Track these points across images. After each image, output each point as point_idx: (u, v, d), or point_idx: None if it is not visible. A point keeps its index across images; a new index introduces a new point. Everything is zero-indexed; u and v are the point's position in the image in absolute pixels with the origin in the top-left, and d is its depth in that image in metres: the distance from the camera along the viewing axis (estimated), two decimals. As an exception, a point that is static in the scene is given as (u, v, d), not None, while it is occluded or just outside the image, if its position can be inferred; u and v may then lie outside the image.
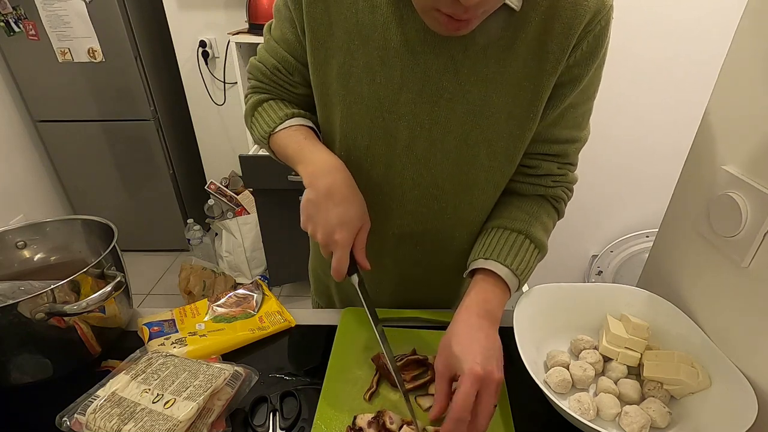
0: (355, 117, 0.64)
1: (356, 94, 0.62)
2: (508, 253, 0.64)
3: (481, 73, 0.58)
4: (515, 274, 0.63)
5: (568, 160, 0.68)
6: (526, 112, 0.60)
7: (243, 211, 2.33)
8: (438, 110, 0.61)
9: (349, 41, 0.60)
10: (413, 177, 0.66)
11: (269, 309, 0.78)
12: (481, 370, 0.51)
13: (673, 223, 0.75)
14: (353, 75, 0.61)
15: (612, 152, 1.71)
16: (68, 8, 2.00)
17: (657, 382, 0.62)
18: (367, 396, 0.61)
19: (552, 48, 0.56)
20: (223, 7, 2.14)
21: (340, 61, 0.61)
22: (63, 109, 2.27)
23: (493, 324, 0.59)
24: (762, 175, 0.57)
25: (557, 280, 0.72)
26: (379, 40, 0.58)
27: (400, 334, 0.72)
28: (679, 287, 0.72)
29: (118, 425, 0.52)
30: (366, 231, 0.61)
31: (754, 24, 0.59)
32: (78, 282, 0.62)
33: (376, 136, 0.64)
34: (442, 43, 0.57)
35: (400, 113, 0.61)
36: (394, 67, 0.59)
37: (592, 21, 0.55)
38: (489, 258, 0.64)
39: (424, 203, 0.69)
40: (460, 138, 0.62)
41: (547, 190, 0.69)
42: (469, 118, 0.61)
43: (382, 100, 0.61)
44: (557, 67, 0.57)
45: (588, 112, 0.66)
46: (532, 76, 0.58)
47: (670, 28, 1.51)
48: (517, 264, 0.63)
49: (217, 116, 2.40)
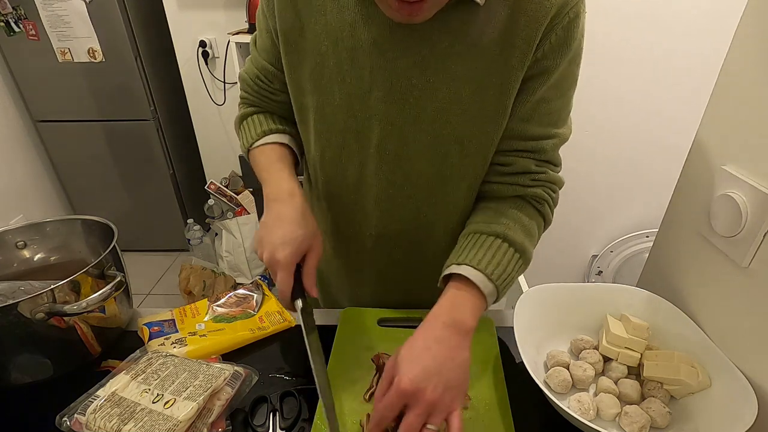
0: (328, 117, 0.65)
1: (328, 94, 0.63)
2: (482, 257, 0.59)
3: (449, 69, 0.58)
4: (490, 279, 0.58)
5: (546, 157, 0.65)
6: (495, 107, 0.60)
7: (243, 211, 2.33)
8: (408, 108, 0.61)
9: (319, 43, 0.60)
10: (387, 176, 0.66)
11: (269, 309, 0.78)
12: (409, 386, 0.48)
13: (673, 223, 0.75)
14: (324, 76, 0.62)
15: (612, 152, 1.71)
16: (68, 8, 2.00)
17: (657, 382, 0.62)
18: (367, 396, 0.61)
19: (518, 42, 0.56)
20: (223, 7, 2.14)
21: (311, 64, 0.62)
22: (63, 109, 2.27)
23: (461, 335, 0.54)
24: (762, 175, 0.57)
25: (557, 280, 0.72)
26: (348, 40, 0.58)
27: (400, 334, 0.72)
28: (679, 287, 0.72)
29: (118, 425, 0.52)
30: (316, 256, 0.60)
31: (754, 24, 0.59)
32: (78, 282, 0.62)
33: (349, 135, 0.65)
34: (410, 41, 0.57)
35: (371, 112, 0.62)
36: (363, 66, 0.59)
37: (559, 14, 0.54)
38: (461, 263, 0.59)
39: (399, 202, 0.69)
40: (431, 135, 0.62)
41: (525, 189, 0.65)
42: (439, 116, 0.61)
43: (352, 100, 0.62)
44: (524, 62, 0.57)
45: (564, 109, 0.64)
46: (499, 71, 0.57)
47: (671, 29, 1.51)
48: (492, 268, 0.58)
49: (217, 116, 2.40)
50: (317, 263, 0.61)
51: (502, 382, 0.63)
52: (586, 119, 1.50)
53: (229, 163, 2.50)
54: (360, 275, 0.79)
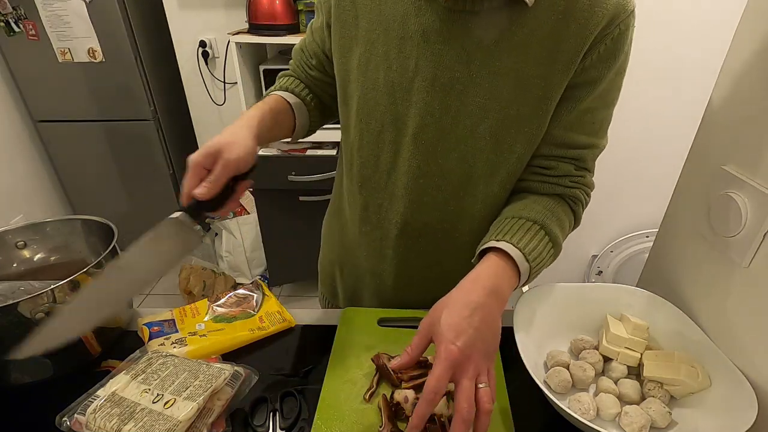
0: (369, 103, 0.67)
1: (373, 80, 0.65)
2: (521, 238, 0.60)
3: (493, 66, 0.59)
4: (527, 258, 0.58)
5: (585, 165, 0.68)
6: (535, 109, 0.61)
7: (243, 211, 2.33)
8: (448, 101, 0.63)
9: (371, 31, 0.64)
10: (419, 165, 0.67)
11: (269, 309, 0.78)
12: (459, 354, 0.48)
13: (673, 223, 0.75)
14: (372, 62, 0.64)
15: (612, 152, 1.70)
16: (68, 8, 2.00)
17: (657, 382, 0.62)
18: (368, 396, 0.61)
19: (566, 47, 0.57)
20: (223, 7, 2.14)
21: (361, 50, 0.65)
22: (63, 109, 2.27)
23: (499, 303, 0.54)
24: (762, 175, 0.57)
25: (557, 280, 0.72)
26: (398, 29, 0.61)
27: (400, 334, 0.72)
28: (679, 287, 0.72)
29: (118, 425, 0.52)
30: (224, 163, 0.58)
31: (754, 24, 0.59)
32: (78, 282, 0.62)
33: (387, 122, 0.67)
34: (457, 34, 0.59)
35: (412, 101, 0.64)
36: (409, 56, 0.62)
37: (610, 24, 0.56)
38: (501, 239, 0.60)
39: (428, 192, 0.70)
40: (467, 130, 0.64)
41: (565, 189, 0.67)
42: (478, 111, 0.62)
43: (395, 88, 0.64)
44: (570, 67, 0.58)
45: (607, 120, 0.66)
46: (543, 73, 0.59)
47: (671, 29, 1.51)
48: (530, 250, 0.59)
49: (217, 116, 2.40)
50: (219, 169, 0.58)
51: (503, 382, 0.63)
52: (586, 119, 1.50)
53: (229, 163, 2.50)
54: (382, 265, 0.79)
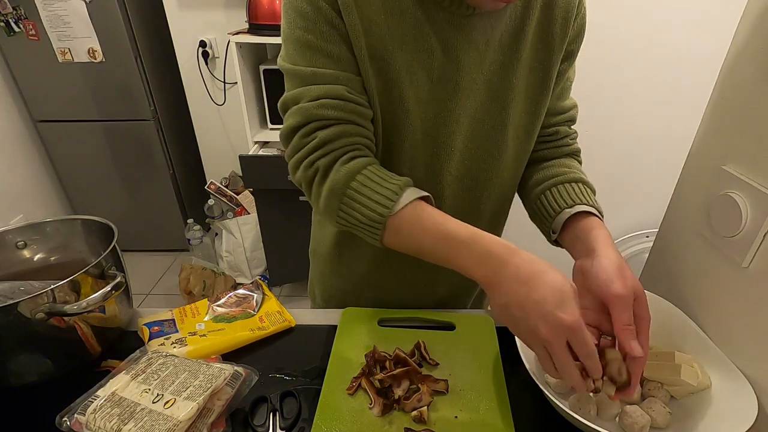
0: (396, 122, 0.62)
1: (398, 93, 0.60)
2: (585, 197, 0.68)
3: (499, 60, 0.64)
4: (601, 215, 0.66)
5: (574, 120, 0.77)
6: (540, 90, 0.68)
7: (243, 211, 2.33)
8: (469, 102, 0.65)
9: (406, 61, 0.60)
10: (452, 173, 0.70)
11: (269, 309, 0.78)
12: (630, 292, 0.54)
13: (673, 223, 0.75)
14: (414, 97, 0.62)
15: (612, 152, 1.71)
16: (68, 8, 2.00)
17: (657, 382, 0.62)
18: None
19: (556, 31, 0.64)
20: (223, 7, 2.14)
21: (405, 82, 0.60)
22: (63, 109, 2.27)
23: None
24: (762, 175, 0.57)
25: (558, 280, 0.72)
26: (416, 42, 0.59)
27: (401, 334, 0.72)
28: (679, 287, 0.72)
29: (118, 425, 0.52)
30: None
31: (754, 24, 0.59)
32: (78, 282, 0.62)
33: (419, 139, 0.65)
34: (470, 37, 0.61)
35: (445, 114, 0.64)
36: (431, 68, 0.61)
37: (580, 3, 0.65)
38: (576, 204, 0.66)
39: (461, 196, 0.72)
40: (488, 125, 0.67)
41: (569, 148, 0.76)
42: (494, 105, 0.66)
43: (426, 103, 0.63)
44: (562, 47, 0.65)
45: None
46: (541, 58, 0.65)
47: (671, 29, 1.51)
48: (598, 206, 0.67)
49: (217, 116, 2.41)
50: None
51: (502, 382, 0.63)
52: (585, 119, 1.50)
53: (229, 163, 2.50)
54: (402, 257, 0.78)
